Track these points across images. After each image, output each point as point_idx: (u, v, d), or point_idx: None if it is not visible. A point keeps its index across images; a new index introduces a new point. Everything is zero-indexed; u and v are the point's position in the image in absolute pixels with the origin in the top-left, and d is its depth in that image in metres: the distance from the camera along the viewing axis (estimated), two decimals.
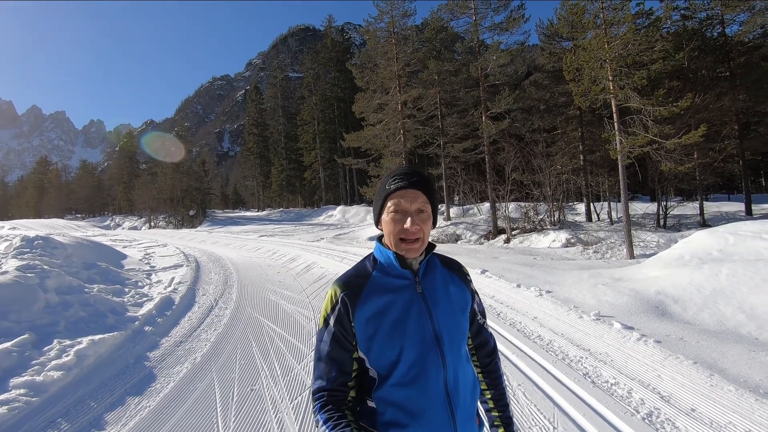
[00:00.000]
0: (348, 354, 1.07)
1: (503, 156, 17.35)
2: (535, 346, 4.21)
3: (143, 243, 17.41)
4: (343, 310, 1.07)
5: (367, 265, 1.15)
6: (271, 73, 51.75)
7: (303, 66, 48.48)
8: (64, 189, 60.20)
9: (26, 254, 7.07)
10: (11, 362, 3.65)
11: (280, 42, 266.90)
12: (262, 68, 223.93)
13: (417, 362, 1.04)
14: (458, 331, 1.12)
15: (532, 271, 7.83)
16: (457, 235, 17.58)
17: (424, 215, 1.10)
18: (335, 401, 1.07)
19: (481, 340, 1.26)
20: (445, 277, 1.17)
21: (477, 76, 17.32)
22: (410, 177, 1.11)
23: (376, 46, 19.72)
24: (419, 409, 1.03)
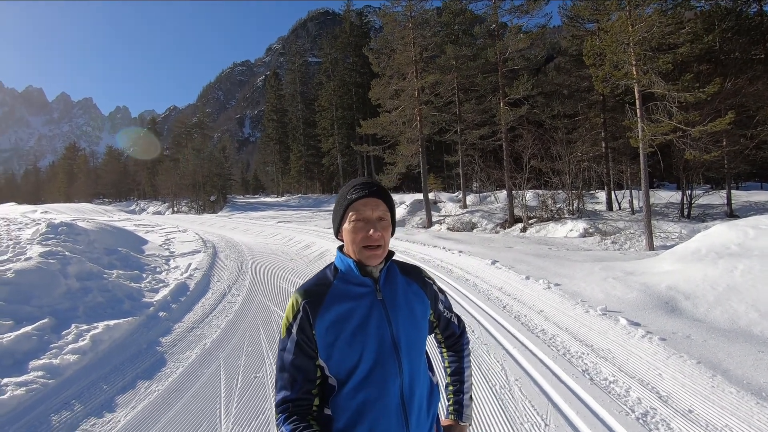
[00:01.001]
0: (312, 361, 1.09)
1: (521, 143, 17.01)
2: (537, 340, 4.20)
3: (165, 228, 17.91)
4: (305, 317, 1.09)
5: (327, 273, 1.17)
6: (290, 58, 51.73)
7: (321, 51, 48.25)
8: (92, 174, 62.25)
9: (51, 240, 7.39)
10: (31, 345, 3.87)
11: (299, 26, 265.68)
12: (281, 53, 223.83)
13: (374, 368, 1.06)
14: (417, 337, 1.15)
15: (544, 263, 7.73)
16: (473, 223, 17.44)
17: (384, 223, 1.12)
18: (300, 411, 1.07)
19: (449, 332, 1.34)
20: (404, 284, 1.19)
21: (495, 61, 16.90)
22: (370, 187, 1.13)
23: (393, 31, 19.40)
24: (374, 415, 1.06)
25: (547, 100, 19.26)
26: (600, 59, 11.30)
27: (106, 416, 3.13)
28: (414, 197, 24.77)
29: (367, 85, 20.39)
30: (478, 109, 18.80)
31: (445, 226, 17.65)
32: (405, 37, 18.72)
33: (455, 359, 1.35)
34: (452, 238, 13.16)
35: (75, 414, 3.12)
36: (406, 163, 19.38)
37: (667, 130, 10.22)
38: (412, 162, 19.33)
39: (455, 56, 18.49)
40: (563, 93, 19.28)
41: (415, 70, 18.26)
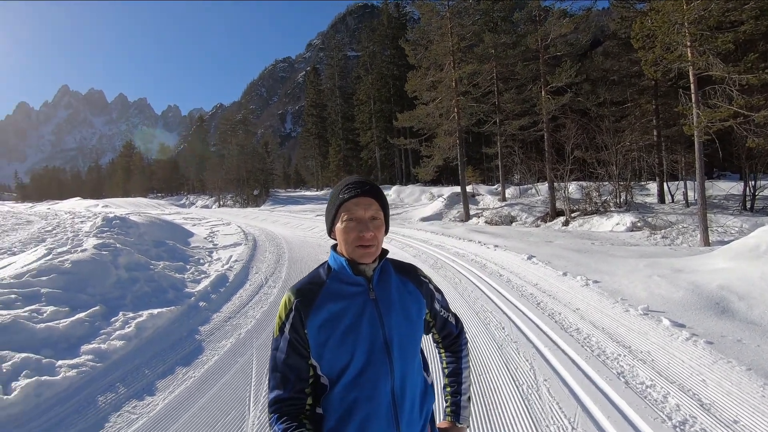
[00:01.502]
0: (304, 360, 1.09)
1: (564, 133, 16.29)
2: (570, 339, 4.04)
3: (210, 221, 18.76)
4: (297, 317, 1.09)
5: (321, 272, 1.17)
6: (329, 53, 52.32)
7: (360, 45, 48.42)
8: (146, 171, 66.24)
9: (105, 233, 7.95)
10: (83, 331, 4.19)
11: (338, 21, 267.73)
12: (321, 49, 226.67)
13: (365, 368, 1.06)
14: (410, 337, 1.13)
15: (584, 258, 7.40)
16: (512, 216, 16.97)
17: (377, 222, 1.11)
18: (293, 411, 1.06)
19: (446, 332, 1.33)
20: (398, 283, 1.18)
21: (536, 48, 16.25)
22: (363, 186, 1.12)
23: (430, 21, 19.11)
24: (364, 415, 1.05)
25: (593, 87, 18.32)
26: (650, 41, 10.57)
27: (147, 399, 3.34)
28: (452, 190, 24.45)
29: (405, 78, 20.22)
30: (518, 99, 18.20)
31: (483, 219, 17.30)
32: (442, 27, 18.38)
33: (453, 360, 1.33)
34: (489, 231, 12.89)
35: (119, 396, 3.36)
36: (443, 156, 19.14)
37: (726, 116, 9.43)
38: (450, 154, 19.05)
39: (494, 45, 17.95)
40: (611, 79, 18.27)
41: (453, 60, 17.90)
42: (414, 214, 20.51)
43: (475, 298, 5.65)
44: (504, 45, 17.98)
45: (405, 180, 38.06)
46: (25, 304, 4.48)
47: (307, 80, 53.12)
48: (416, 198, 29.27)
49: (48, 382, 3.26)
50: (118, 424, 2.99)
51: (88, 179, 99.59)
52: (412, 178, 34.44)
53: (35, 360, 3.49)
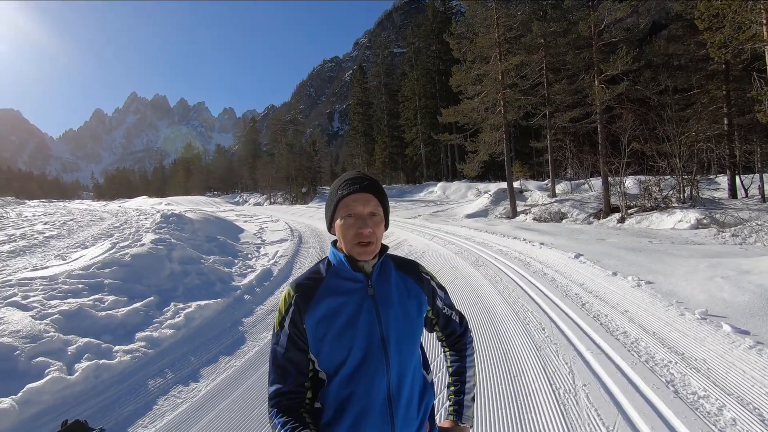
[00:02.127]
0: (304, 355, 1.10)
1: (620, 124, 15.31)
2: (616, 343, 3.80)
3: (260, 218, 19.57)
4: (296, 311, 1.10)
5: (321, 267, 1.18)
6: (375, 51, 52.60)
7: (405, 41, 48.27)
8: (204, 170, 70.23)
9: (163, 229, 8.52)
10: (139, 319, 4.53)
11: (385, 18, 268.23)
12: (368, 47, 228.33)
13: (361, 363, 1.06)
14: (408, 334, 1.12)
15: (638, 257, 6.93)
16: (562, 213, 16.24)
17: (376, 218, 1.11)
18: (292, 404, 1.08)
19: (449, 330, 1.31)
20: (398, 280, 1.17)
21: (589, 35, 15.35)
22: (361, 181, 1.12)
23: (476, 13, 18.65)
24: (358, 410, 1.06)
25: (654, 73, 17.06)
26: (718, 21, 9.67)
27: (191, 385, 3.55)
28: (498, 186, 23.81)
29: (451, 73, 19.89)
30: (568, 90, 17.32)
31: (531, 216, 16.70)
32: (488, 18, 17.87)
33: (457, 359, 1.31)
34: (536, 229, 12.41)
35: (167, 381, 3.60)
36: (488, 151, 18.65)
37: None
38: (496, 149, 18.52)
39: (543, 33, 17.20)
40: (674, 64, 16.92)
41: (499, 52, 17.37)
42: (459, 210, 20.19)
43: (515, 297, 5.47)
44: (554, 33, 17.17)
45: (451, 176, 37.58)
46: (90, 294, 4.91)
47: (353, 79, 53.74)
48: (462, 194, 28.80)
49: (106, 365, 3.55)
50: (165, 407, 3.20)
51: (153, 179, 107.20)
52: (458, 174, 33.94)
53: (96, 344, 3.82)
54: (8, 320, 3.85)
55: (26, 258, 8.13)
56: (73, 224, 15.87)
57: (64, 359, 3.49)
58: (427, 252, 9.33)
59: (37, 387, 3.03)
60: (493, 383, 3.24)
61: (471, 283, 6.29)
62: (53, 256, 8.04)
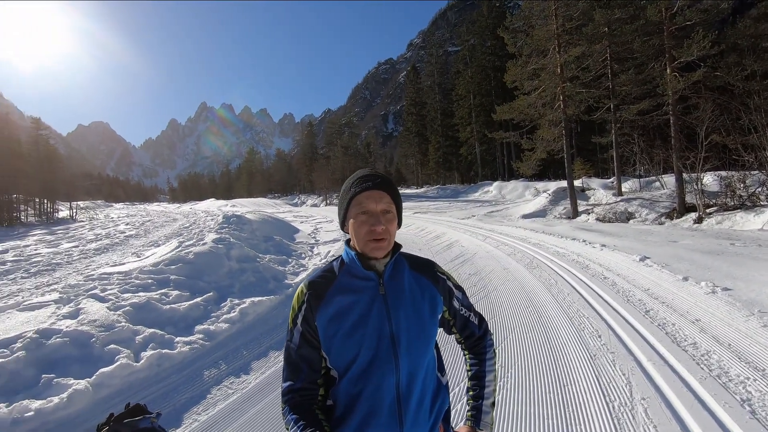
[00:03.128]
0: (316, 352, 1.11)
1: (697, 115, 13.95)
2: (683, 355, 3.46)
3: (316, 219, 20.19)
4: (308, 309, 1.11)
5: (334, 265, 1.18)
6: (429, 50, 52.35)
7: (460, 39, 47.59)
8: (265, 174, 73.89)
9: (224, 229, 9.07)
10: (199, 313, 4.85)
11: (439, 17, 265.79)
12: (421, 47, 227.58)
13: (371, 362, 1.05)
14: (419, 334, 1.09)
15: (714, 261, 6.26)
16: (629, 213, 15.11)
17: (389, 216, 1.09)
18: (305, 401, 1.09)
19: (468, 332, 1.27)
20: (411, 279, 1.15)
21: (660, 20, 14.16)
22: (374, 179, 1.11)
23: (532, 5, 17.92)
24: (366, 408, 1.05)
25: (738, 57, 15.33)
26: None
27: (242, 377, 3.74)
28: (558, 185, 22.70)
29: (506, 69, 19.27)
30: (636, 80, 16.07)
31: (594, 216, 15.72)
32: (545, 9, 17.10)
33: (476, 362, 1.26)
34: (598, 230, 11.66)
35: (220, 372, 3.81)
36: (546, 148, 17.83)
37: None
38: (555, 147, 17.66)
39: (606, 21, 16.11)
40: (762, 46, 15.10)
41: (557, 44, 16.55)
42: (515, 211, 19.50)
43: (570, 301, 5.16)
44: (619, 20, 16.01)
45: (507, 176, 36.43)
46: (158, 288, 5.34)
47: (407, 79, 53.86)
48: (519, 194, 27.80)
49: (167, 354, 3.84)
50: (217, 396, 3.39)
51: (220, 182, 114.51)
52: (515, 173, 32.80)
53: (160, 335, 4.15)
54: (87, 310, 4.29)
55: (108, 255, 9.02)
56: (149, 225, 17.40)
57: (132, 347, 3.82)
58: (478, 253, 9.10)
59: (108, 372, 3.34)
60: (541, 392, 3.08)
61: (523, 286, 6.03)
62: (130, 253, 8.86)
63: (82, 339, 3.74)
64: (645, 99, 15.73)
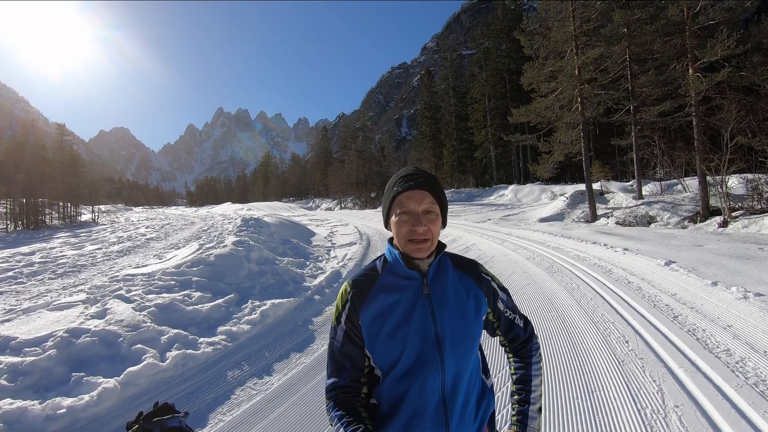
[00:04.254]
0: (359, 350, 1.11)
1: (721, 116, 13.60)
2: (716, 362, 3.35)
3: (331, 222, 20.29)
4: (352, 307, 1.11)
5: (377, 264, 1.18)
6: (443, 54, 52.30)
7: (474, 42, 47.46)
8: (280, 178, 74.64)
9: (243, 232, 9.17)
10: (221, 314, 4.90)
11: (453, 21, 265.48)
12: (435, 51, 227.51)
13: (415, 362, 1.04)
14: (464, 335, 1.08)
15: (744, 266, 6.07)
16: (650, 216, 14.78)
17: (431, 216, 1.08)
18: (348, 398, 1.09)
19: (513, 335, 1.24)
20: (455, 280, 1.13)
21: (681, 19, 13.88)
22: (417, 178, 1.10)
23: (549, 7, 17.75)
24: (411, 409, 1.04)
25: (764, 57, 14.91)
26: None
27: (265, 378, 3.76)
28: (576, 188, 22.37)
29: (522, 72, 19.13)
30: (657, 81, 15.74)
31: (613, 220, 15.43)
32: (562, 10, 16.93)
33: (521, 366, 1.22)
34: (619, 233, 11.43)
35: (243, 373, 3.84)
36: (564, 151, 17.59)
37: None
38: (572, 149, 17.41)
39: (626, 22, 15.84)
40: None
41: (575, 46, 16.36)
42: (532, 214, 19.28)
43: (594, 306, 5.07)
44: (638, 21, 15.74)
45: (523, 179, 36.06)
46: (180, 290, 5.42)
47: (421, 83, 53.88)
48: (535, 197, 27.48)
49: (191, 355, 3.89)
50: (241, 397, 3.42)
51: (236, 186, 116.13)
52: (531, 176, 32.44)
53: (184, 336, 4.20)
54: (114, 311, 4.37)
55: (131, 257, 9.20)
56: (169, 228, 17.71)
57: (158, 347, 3.88)
58: (496, 257, 9.01)
59: (136, 371, 3.40)
60: (568, 397, 3.02)
61: (543, 291, 5.94)
62: (152, 255, 9.02)
63: (110, 338, 3.81)
64: (666, 100, 15.39)
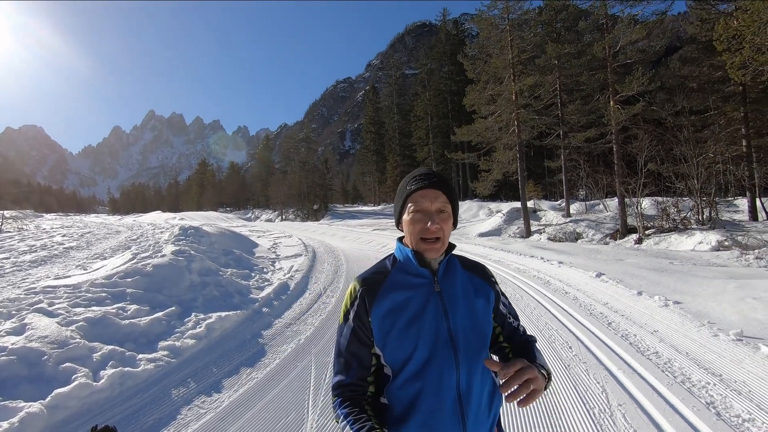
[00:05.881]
0: (366, 349, 1.10)
1: (636, 144, 15.25)
2: (648, 363, 3.69)
3: (273, 234, 19.66)
4: (362, 305, 1.10)
5: (387, 263, 1.17)
6: (388, 72, 53.56)
7: (418, 62, 49.21)
8: (217, 186, 71.22)
9: (181, 241, 8.60)
10: (161, 329, 4.52)
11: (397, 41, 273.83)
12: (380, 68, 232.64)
13: (428, 360, 1.04)
14: (477, 334, 1.09)
15: (662, 278, 6.78)
16: (578, 233, 16.06)
17: (444, 215, 1.10)
18: (355, 396, 1.09)
19: (519, 340, 1.22)
20: (465, 279, 1.15)
21: (604, 57, 15.49)
22: (430, 177, 1.12)
23: (489, 35, 18.96)
24: (428, 408, 1.03)
25: (669, 95, 17.05)
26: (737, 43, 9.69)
27: (214, 396, 3.51)
28: (511, 205, 23.69)
29: (463, 93, 20.18)
30: (583, 110, 17.37)
31: (546, 235, 16.53)
32: (502, 40, 18.17)
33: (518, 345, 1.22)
34: (552, 248, 12.26)
35: (190, 391, 3.56)
36: (502, 170, 18.67)
37: None
38: (509, 169, 18.54)
39: (557, 55, 17.36)
40: (689, 86, 16.90)
41: (513, 73, 17.57)
42: (471, 229, 20.09)
43: (538, 315, 5.36)
44: (568, 55, 17.33)
45: (463, 195, 37.57)
46: (113, 302, 4.94)
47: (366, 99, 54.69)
48: (474, 213, 28.70)
49: (130, 372, 3.54)
50: (189, 417, 3.16)
51: (167, 194, 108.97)
52: (470, 193, 33.94)
53: (120, 352, 3.82)
54: (35, 326, 3.88)
55: (48, 267, 8.25)
56: (90, 236, 16.13)
57: (90, 365, 3.49)
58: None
59: (65, 392, 3.02)
60: None
61: None
62: (74, 266, 8.15)
63: (32, 357, 3.36)
64: (591, 128, 16.99)
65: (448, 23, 42.42)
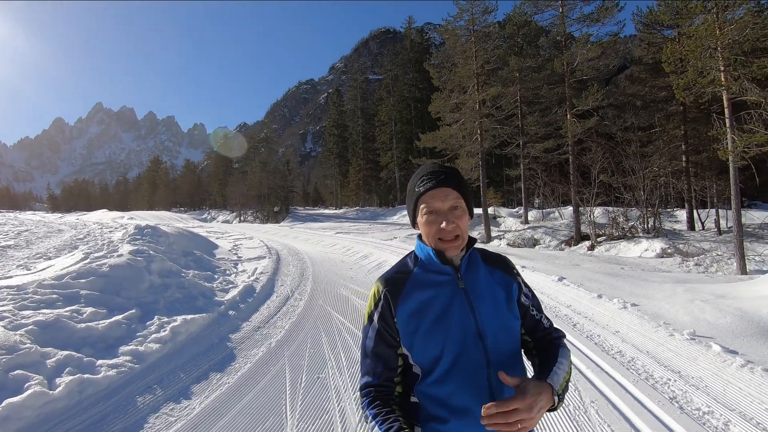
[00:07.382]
0: (392, 350, 1.09)
1: (589, 156, 16.15)
2: (614, 362, 3.88)
3: (233, 235, 19.02)
4: (386, 306, 1.08)
5: (408, 262, 1.16)
6: (352, 76, 53.55)
7: (382, 68, 49.60)
8: (171, 185, 68.01)
9: (138, 241, 8.12)
10: (121, 333, 4.24)
11: (361, 46, 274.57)
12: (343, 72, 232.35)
13: (458, 357, 1.02)
14: (504, 328, 1.08)
15: (617, 282, 7.19)
16: (535, 239, 16.72)
17: (458, 212, 1.08)
18: (383, 397, 1.08)
19: (541, 334, 1.17)
20: (487, 273, 1.14)
21: (562, 72, 16.30)
22: (438, 176, 1.08)
23: (455, 45, 19.44)
24: (461, 406, 1.01)
25: (619, 111, 18.20)
26: (682, 66, 10.50)
27: (183, 402, 3.32)
28: None
29: (427, 100, 20.55)
30: (542, 122, 18.19)
31: (505, 241, 17.09)
32: (467, 50, 18.67)
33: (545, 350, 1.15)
34: (513, 254, 12.69)
35: (156, 398, 3.35)
36: (465, 177, 19.12)
37: (762, 141, 9.20)
38: (472, 176, 19.02)
39: (519, 68, 18.10)
40: (637, 104, 18.14)
41: (477, 83, 18.09)
42: None
43: None
44: (529, 68, 18.12)
45: None
46: (66, 305, 4.57)
47: (330, 101, 54.39)
48: None
49: (89, 380, 3.28)
50: (157, 425, 2.97)
51: (114, 192, 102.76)
52: None
53: (77, 358, 3.53)
54: None
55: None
56: (29, 235, 14.90)
57: (44, 372, 3.19)
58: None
59: (18, 402, 2.74)
60: None
61: None
62: (15, 266, 7.48)
63: None
64: (549, 139, 17.81)
65: (412, 31, 43.09)
